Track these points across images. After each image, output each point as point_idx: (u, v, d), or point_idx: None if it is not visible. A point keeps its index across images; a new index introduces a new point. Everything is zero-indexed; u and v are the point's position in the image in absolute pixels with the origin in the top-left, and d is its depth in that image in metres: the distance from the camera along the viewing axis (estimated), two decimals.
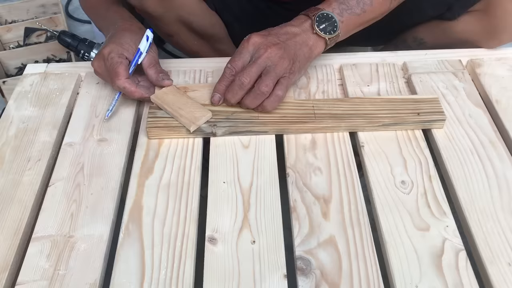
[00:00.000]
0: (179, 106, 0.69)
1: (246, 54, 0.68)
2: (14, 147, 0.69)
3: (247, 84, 0.67)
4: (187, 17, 0.89)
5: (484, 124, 0.71)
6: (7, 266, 0.55)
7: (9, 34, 1.47)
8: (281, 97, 0.68)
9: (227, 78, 0.69)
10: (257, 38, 0.68)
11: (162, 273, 0.54)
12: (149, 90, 0.73)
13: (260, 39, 0.68)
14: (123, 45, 0.72)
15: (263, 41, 0.67)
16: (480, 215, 0.59)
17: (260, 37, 0.68)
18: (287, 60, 0.67)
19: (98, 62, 0.73)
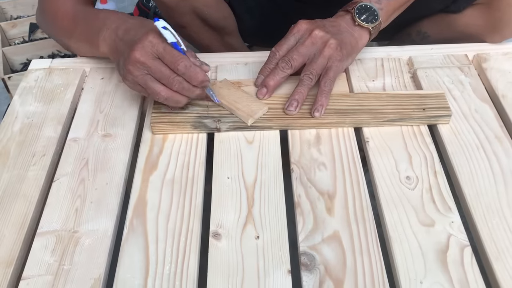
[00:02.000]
0: (235, 100, 0.69)
1: (291, 39, 0.69)
2: (19, 142, 0.69)
3: (286, 67, 0.67)
4: (201, 8, 0.89)
5: (490, 119, 0.70)
6: (12, 260, 0.56)
7: (14, 29, 1.48)
8: (328, 91, 0.68)
9: (270, 61, 0.70)
10: (304, 24, 0.69)
11: (166, 268, 0.55)
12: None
13: (306, 25, 0.69)
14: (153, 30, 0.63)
15: (309, 26, 0.68)
16: (486, 211, 0.59)
17: (307, 22, 0.69)
18: (333, 46, 0.67)
19: (143, 50, 0.61)
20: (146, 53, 0.61)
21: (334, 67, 0.69)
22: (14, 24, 1.47)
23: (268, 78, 0.69)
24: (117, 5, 1.61)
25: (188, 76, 0.62)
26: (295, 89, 0.68)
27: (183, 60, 0.61)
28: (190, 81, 0.62)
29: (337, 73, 0.69)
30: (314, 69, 0.68)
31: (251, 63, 0.80)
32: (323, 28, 0.68)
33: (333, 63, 0.68)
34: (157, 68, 0.61)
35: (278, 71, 0.69)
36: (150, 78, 0.62)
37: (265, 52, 0.83)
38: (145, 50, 0.61)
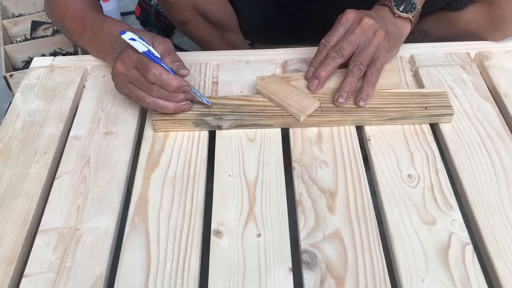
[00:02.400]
0: (285, 96, 0.69)
1: (340, 29, 0.69)
2: (21, 140, 0.69)
3: (337, 57, 0.68)
4: (202, 4, 0.89)
5: (492, 117, 0.70)
6: (14, 258, 0.56)
7: (16, 27, 1.48)
8: (375, 82, 0.69)
9: (320, 52, 0.70)
10: (352, 13, 0.69)
11: (168, 266, 0.55)
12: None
13: (355, 13, 0.69)
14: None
15: (358, 15, 0.68)
16: (487, 209, 0.59)
17: (355, 11, 0.69)
18: (381, 36, 0.68)
19: (122, 62, 0.64)
20: (125, 64, 0.64)
21: (381, 57, 0.69)
22: (16, 22, 1.47)
23: (320, 69, 0.69)
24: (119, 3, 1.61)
25: (161, 84, 0.63)
26: (345, 80, 0.68)
27: (152, 69, 0.62)
28: (165, 88, 0.64)
29: (383, 64, 0.70)
30: (364, 59, 0.68)
31: (252, 61, 0.80)
32: (372, 17, 0.68)
33: (380, 53, 0.69)
34: (134, 77, 0.64)
35: (329, 61, 0.69)
36: (132, 86, 0.65)
37: (267, 50, 0.84)
38: (124, 61, 0.64)
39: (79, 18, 0.77)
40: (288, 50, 0.82)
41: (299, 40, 0.96)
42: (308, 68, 0.72)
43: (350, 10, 0.70)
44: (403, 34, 0.73)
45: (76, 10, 0.77)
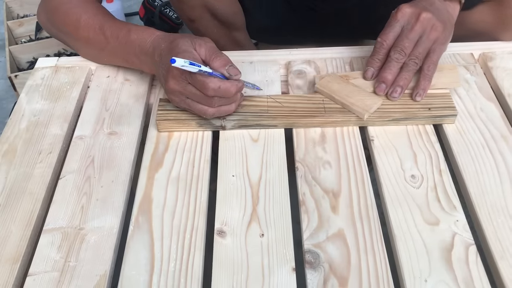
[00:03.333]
0: (347, 94, 0.68)
1: (397, 25, 0.67)
2: (25, 140, 0.70)
3: (401, 58, 0.67)
4: (212, 2, 0.89)
5: (495, 118, 0.70)
6: (19, 257, 0.56)
7: (21, 28, 1.49)
8: (431, 75, 0.68)
9: (378, 52, 0.69)
10: (407, 8, 0.67)
11: (172, 265, 0.55)
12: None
13: (410, 8, 0.67)
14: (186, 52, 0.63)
15: (414, 10, 0.67)
16: (491, 210, 0.59)
17: (410, 6, 0.67)
18: (439, 29, 0.66)
19: (174, 80, 0.63)
20: (178, 81, 0.63)
21: (437, 50, 0.68)
22: (20, 23, 1.48)
23: (385, 72, 0.68)
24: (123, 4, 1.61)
25: (221, 96, 0.63)
26: (400, 74, 0.67)
27: (209, 85, 0.61)
28: (226, 97, 0.64)
29: (439, 56, 0.69)
30: (420, 53, 0.67)
31: (256, 62, 0.81)
32: (428, 11, 0.67)
33: (437, 46, 0.68)
34: (192, 93, 0.64)
35: (393, 63, 0.67)
36: (191, 101, 0.65)
37: (271, 51, 0.84)
38: (176, 79, 0.63)
39: (96, 28, 0.73)
40: (292, 51, 0.82)
41: (304, 40, 0.96)
42: (367, 67, 0.70)
43: (405, 5, 0.67)
44: (454, 19, 0.70)
45: (91, 19, 0.74)
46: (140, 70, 0.76)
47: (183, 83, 0.63)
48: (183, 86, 0.63)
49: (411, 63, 0.67)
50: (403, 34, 0.67)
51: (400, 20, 0.67)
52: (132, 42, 0.70)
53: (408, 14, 0.67)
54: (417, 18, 0.66)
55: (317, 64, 0.80)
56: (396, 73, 0.68)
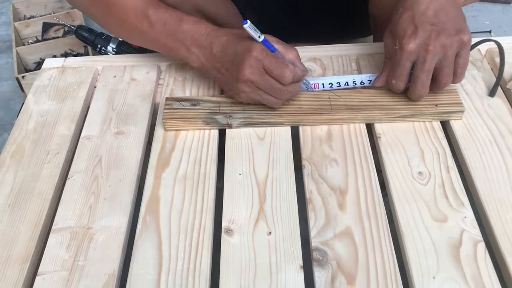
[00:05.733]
0: None
1: (407, 64, 0.63)
2: (33, 141, 0.70)
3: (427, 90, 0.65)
4: (204, 6, 0.88)
5: (503, 114, 0.70)
6: (28, 256, 0.57)
7: (27, 29, 1.49)
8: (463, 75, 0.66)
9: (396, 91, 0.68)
10: (412, 44, 0.62)
11: (179, 264, 0.55)
12: None
13: (413, 44, 0.62)
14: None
15: (419, 43, 0.62)
16: (499, 206, 0.59)
17: (412, 40, 0.61)
18: (449, 41, 0.61)
19: (250, 69, 0.62)
20: (254, 70, 0.63)
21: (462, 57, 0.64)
22: (27, 24, 1.49)
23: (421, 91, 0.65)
24: None
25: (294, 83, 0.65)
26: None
27: (288, 74, 0.63)
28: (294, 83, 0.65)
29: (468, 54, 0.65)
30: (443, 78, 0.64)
31: None
32: (430, 35, 0.61)
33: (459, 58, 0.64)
34: (267, 84, 0.64)
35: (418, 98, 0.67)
36: (262, 92, 0.65)
37: None
38: (253, 68, 0.63)
39: (137, 11, 0.69)
40: (298, 48, 0.82)
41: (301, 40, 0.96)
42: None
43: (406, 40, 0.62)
44: (459, 4, 0.65)
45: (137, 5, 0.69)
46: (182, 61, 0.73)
47: (258, 73, 0.62)
48: (258, 75, 0.63)
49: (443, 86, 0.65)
50: (418, 68, 0.63)
51: (409, 57, 0.63)
52: (183, 32, 0.68)
53: (415, 51, 0.62)
54: (426, 51, 0.61)
55: (323, 62, 0.80)
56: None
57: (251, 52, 0.63)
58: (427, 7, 0.63)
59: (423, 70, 0.63)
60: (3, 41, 1.61)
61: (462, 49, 0.63)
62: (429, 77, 0.64)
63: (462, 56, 0.64)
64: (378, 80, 0.69)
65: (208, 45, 0.67)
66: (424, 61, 0.62)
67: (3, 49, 1.58)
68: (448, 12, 0.63)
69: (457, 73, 0.65)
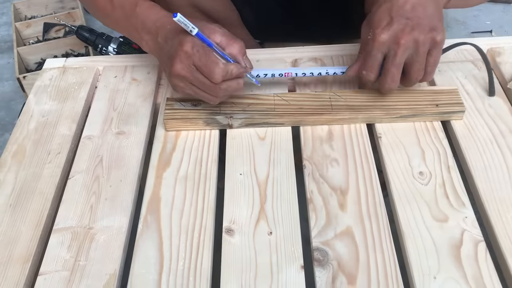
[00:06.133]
0: None
1: (378, 54, 0.63)
2: (34, 141, 0.70)
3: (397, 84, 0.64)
4: (200, 1, 0.87)
5: (504, 113, 0.70)
6: (29, 256, 0.57)
7: (28, 29, 1.50)
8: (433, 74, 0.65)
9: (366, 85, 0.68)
10: (384, 35, 0.61)
11: (180, 264, 0.55)
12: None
13: (386, 35, 0.61)
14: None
15: (391, 35, 0.61)
16: (500, 206, 0.59)
17: (385, 31, 0.61)
18: (422, 37, 0.61)
19: (181, 64, 0.61)
20: (184, 66, 0.61)
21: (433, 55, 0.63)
22: (28, 24, 1.49)
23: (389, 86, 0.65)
24: None
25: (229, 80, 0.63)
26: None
27: (217, 71, 0.60)
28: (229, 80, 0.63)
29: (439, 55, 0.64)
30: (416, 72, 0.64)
31: (262, 60, 0.81)
32: (404, 29, 0.61)
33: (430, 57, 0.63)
34: (198, 81, 0.62)
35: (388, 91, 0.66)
36: (196, 88, 0.64)
37: (276, 49, 0.84)
38: (183, 63, 0.61)
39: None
40: (298, 48, 0.82)
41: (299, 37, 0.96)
42: None
43: (380, 31, 0.61)
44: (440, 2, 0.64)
45: None
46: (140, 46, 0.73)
47: (188, 69, 0.61)
48: (188, 71, 0.61)
49: (414, 81, 0.65)
50: (389, 62, 0.63)
51: (381, 49, 0.62)
52: (136, 16, 0.68)
53: (387, 42, 0.61)
54: (398, 44, 0.61)
55: (324, 62, 0.80)
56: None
57: (182, 47, 0.61)
58: (406, 1, 0.62)
59: (394, 63, 0.62)
60: (4, 41, 1.61)
61: (434, 48, 0.62)
62: (399, 71, 0.63)
63: (433, 55, 0.63)
64: (350, 69, 0.68)
65: (155, 32, 0.66)
66: (395, 54, 0.62)
67: (4, 49, 1.58)
68: (426, 8, 0.62)
69: (427, 71, 0.64)
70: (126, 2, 0.69)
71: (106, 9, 0.72)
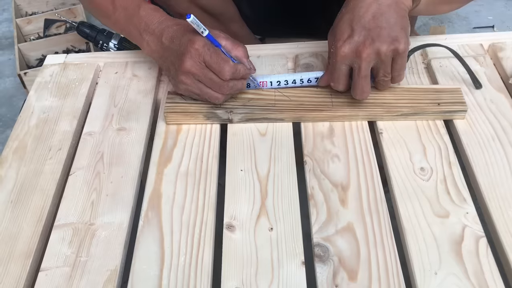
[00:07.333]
0: None
1: (342, 67, 0.63)
2: (35, 137, 0.70)
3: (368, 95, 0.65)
4: None
5: (506, 109, 0.69)
6: (31, 252, 0.57)
7: (29, 26, 1.50)
8: (403, 76, 0.65)
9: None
10: (345, 49, 0.61)
11: (181, 260, 0.55)
12: None
13: (346, 49, 0.61)
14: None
15: (352, 48, 0.61)
16: (501, 202, 0.58)
17: (346, 44, 0.61)
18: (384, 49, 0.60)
19: (191, 61, 0.63)
20: (195, 63, 0.63)
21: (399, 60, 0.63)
22: (29, 20, 1.49)
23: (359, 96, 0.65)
24: None
25: (237, 79, 0.64)
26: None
27: (227, 68, 0.62)
28: (236, 79, 0.65)
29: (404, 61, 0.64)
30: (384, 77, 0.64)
31: (263, 56, 0.80)
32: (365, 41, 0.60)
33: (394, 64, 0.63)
34: (207, 77, 0.64)
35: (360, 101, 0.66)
36: (203, 86, 0.65)
37: (278, 45, 0.84)
38: (193, 60, 0.63)
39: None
40: (299, 44, 0.82)
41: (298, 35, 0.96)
42: None
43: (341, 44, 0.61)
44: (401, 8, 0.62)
45: None
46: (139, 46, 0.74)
47: (199, 66, 0.63)
48: (198, 68, 0.63)
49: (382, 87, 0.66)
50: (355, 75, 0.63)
51: (345, 61, 0.62)
52: (139, 17, 0.69)
53: (349, 56, 0.62)
54: (360, 57, 0.61)
55: (325, 57, 0.79)
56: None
57: (193, 45, 0.62)
58: (366, 11, 0.61)
59: (360, 76, 0.63)
60: (5, 37, 1.61)
61: (397, 57, 0.62)
62: (367, 81, 0.63)
63: (398, 63, 0.63)
64: (321, 80, 0.69)
65: (159, 33, 0.67)
66: (359, 67, 0.62)
67: (5, 45, 1.58)
68: (388, 18, 0.61)
69: (393, 76, 0.65)
70: (129, 3, 0.71)
71: (107, 9, 0.73)
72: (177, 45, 0.65)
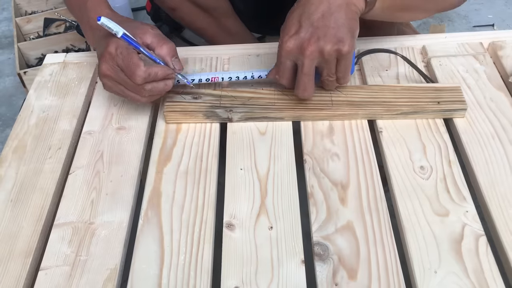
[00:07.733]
0: None
1: (286, 62, 0.63)
2: (35, 136, 0.70)
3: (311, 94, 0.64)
4: None
5: (505, 107, 0.69)
6: (31, 251, 0.57)
7: (29, 25, 1.49)
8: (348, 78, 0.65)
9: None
10: (290, 44, 0.61)
11: (181, 258, 0.55)
12: None
13: (291, 44, 0.61)
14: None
15: (297, 44, 0.60)
16: (501, 200, 0.58)
17: (292, 39, 0.61)
18: (328, 48, 0.60)
19: (106, 64, 0.63)
20: (110, 66, 0.63)
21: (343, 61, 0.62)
22: (29, 19, 1.49)
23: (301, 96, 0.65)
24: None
25: (156, 81, 0.63)
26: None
27: (138, 73, 0.61)
28: (155, 80, 0.63)
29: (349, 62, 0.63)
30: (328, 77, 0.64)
31: (263, 55, 0.80)
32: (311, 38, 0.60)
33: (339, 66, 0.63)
34: (123, 81, 0.63)
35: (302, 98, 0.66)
36: (123, 88, 0.65)
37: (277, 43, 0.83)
38: (108, 64, 0.63)
39: None
40: None
41: None
42: None
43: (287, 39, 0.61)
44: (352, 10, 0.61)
45: None
46: None
47: (113, 69, 0.62)
48: (113, 72, 0.63)
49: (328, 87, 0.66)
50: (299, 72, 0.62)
51: (289, 56, 0.62)
52: (86, 9, 0.69)
53: (294, 51, 0.61)
54: (303, 55, 0.60)
55: None
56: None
57: (107, 48, 0.63)
58: (316, 9, 0.60)
59: (303, 73, 0.62)
60: (4, 36, 1.61)
61: (340, 59, 0.61)
62: (310, 80, 0.63)
63: (342, 64, 0.62)
64: (269, 73, 0.68)
65: (95, 28, 0.67)
66: (302, 64, 0.61)
67: (4, 44, 1.58)
68: (336, 18, 0.60)
69: (338, 77, 0.65)
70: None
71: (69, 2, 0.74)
72: (99, 47, 0.65)
